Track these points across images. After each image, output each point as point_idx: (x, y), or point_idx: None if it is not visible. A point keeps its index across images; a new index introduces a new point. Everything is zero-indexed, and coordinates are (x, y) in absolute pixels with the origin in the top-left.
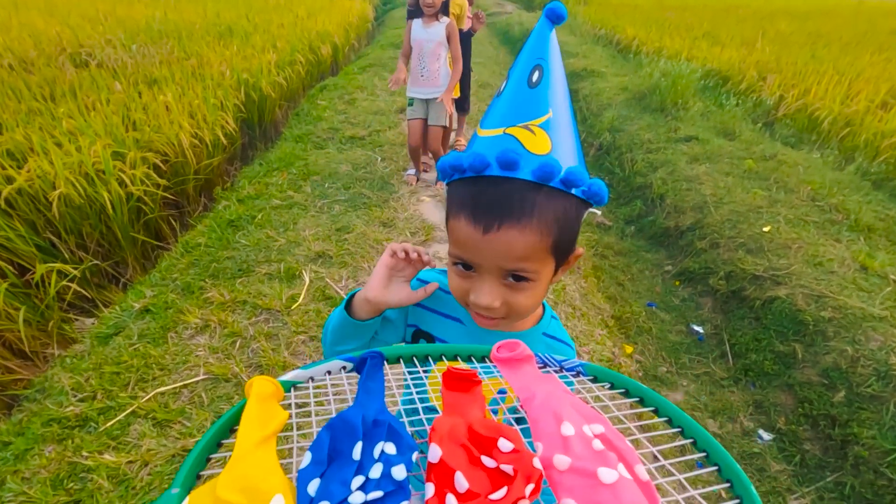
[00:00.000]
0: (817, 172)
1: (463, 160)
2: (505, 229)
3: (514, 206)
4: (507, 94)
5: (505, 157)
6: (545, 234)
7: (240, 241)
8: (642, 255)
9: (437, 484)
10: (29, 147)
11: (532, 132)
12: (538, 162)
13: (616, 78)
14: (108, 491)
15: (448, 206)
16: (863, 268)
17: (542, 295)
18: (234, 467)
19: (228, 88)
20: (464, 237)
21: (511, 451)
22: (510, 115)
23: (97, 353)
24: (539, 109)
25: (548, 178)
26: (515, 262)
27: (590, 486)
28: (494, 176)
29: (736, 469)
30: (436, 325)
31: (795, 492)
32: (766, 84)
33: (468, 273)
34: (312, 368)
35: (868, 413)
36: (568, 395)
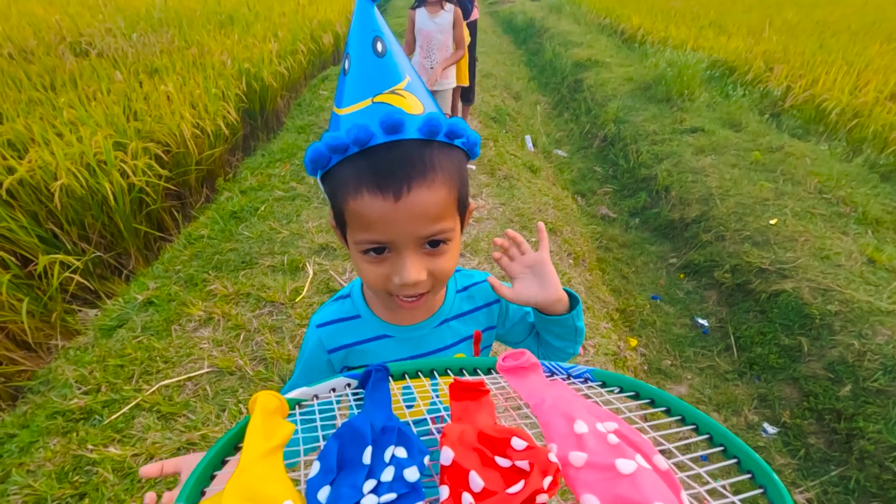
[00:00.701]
0: (825, 164)
1: (342, 137)
2: (415, 189)
3: (416, 165)
4: (357, 69)
5: (390, 120)
6: (451, 188)
7: (243, 233)
8: (647, 247)
9: (451, 485)
10: (30, 137)
11: (401, 96)
12: (422, 118)
13: (621, 68)
14: (113, 484)
15: (338, 191)
16: (870, 261)
17: (458, 256)
18: (239, 478)
19: (230, 78)
20: (372, 213)
21: (525, 448)
22: (370, 85)
23: (101, 345)
24: (397, 76)
25: (435, 131)
26: (432, 224)
27: (609, 479)
28: (383, 143)
29: (757, 459)
30: (366, 354)
31: (800, 486)
32: (773, 74)
33: (382, 257)
34: (317, 386)
35: (874, 407)
36: (578, 398)
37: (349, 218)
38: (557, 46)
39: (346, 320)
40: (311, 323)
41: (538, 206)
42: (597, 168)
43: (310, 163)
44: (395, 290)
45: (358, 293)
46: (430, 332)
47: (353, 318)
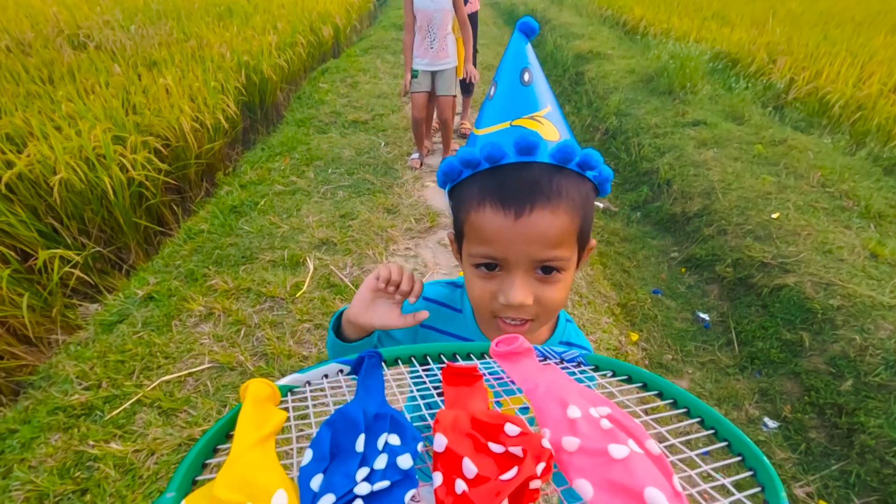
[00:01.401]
0: (828, 158)
1: (475, 153)
2: (538, 211)
3: (542, 188)
4: (503, 94)
5: (524, 142)
6: (574, 217)
7: (243, 228)
8: (648, 241)
9: (444, 472)
10: (28, 131)
11: (539, 122)
12: (556, 145)
13: (623, 60)
14: (115, 480)
15: (462, 204)
16: (873, 255)
17: (569, 290)
18: (231, 467)
19: (229, 71)
20: (491, 228)
21: (518, 434)
22: (512, 109)
23: (101, 340)
24: (539, 103)
25: (568, 159)
26: (548, 250)
27: (601, 463)
28: (514, 163)
29: (747, 442)
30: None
31: (800, 479)
32: (776, 66)
33: (493, 273)
34: (309, 372)
35: (875, 402)
36: (571, 383)
37: (468, 230)
38: (559, 38)
39: (449, 308)
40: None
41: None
42: None
43: (442, 175)
44: (498, 311)
45: None
46: None
47: (455, 310)
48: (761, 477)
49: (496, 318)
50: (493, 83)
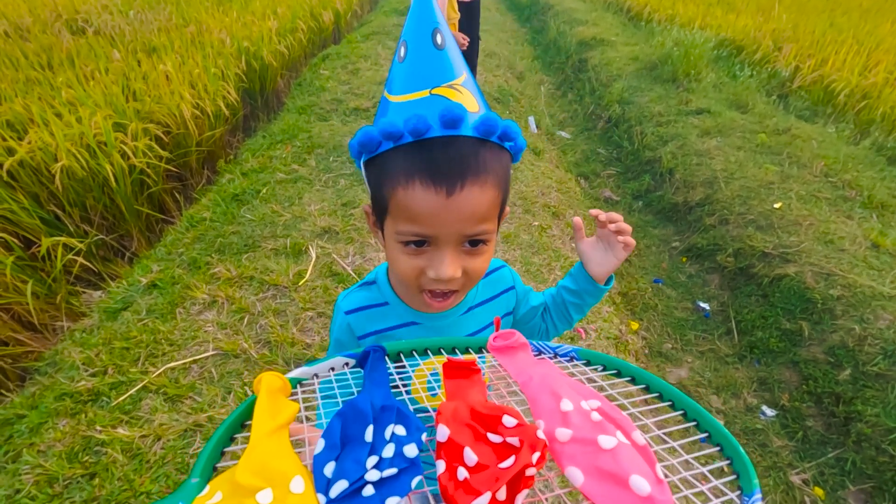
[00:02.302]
0: (831, 147)
1: (396, 124)
2: (468, 188)
3: (471, 164)
4: (415, 58)
5: (450, 115)
6: (498, 191)
7: (245, 216)
8: (650, 230)
9: (447, 460)
10: (29, 118)
11: (458, 91)
12: (479, 118)
13: (626, 47)
14: (122, 464)
15: (385, 179)
16: (874, 246)
17: (492, 256)
18: (250, 455)
19: (229, 57)
20: (421, 206)
21: (515, 425)
22: (428, 76)
23: (106, 327)
24: (455, 70)
25: (491, 132)
26: (477, 224)
27: (591, 452)
28: (439, 137)
29: (725, 433)
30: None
31: (797, 467)
32: (781, 54)
33: (421, 249)
34: (317, 365)
35: (873, 391)
36: (564, 377)
37: (394, 207)
38: (562, 24)
39: (373, 307)
40: (337, 308)
41: (541, 188)
42: (600, 150)
43: (358, 145)
44: (427, 284)
45: (384, 280)
46: (456, 319)
47: (380, 305)
48: (737, 465)
49: (423, 291)
50: (401, 42)
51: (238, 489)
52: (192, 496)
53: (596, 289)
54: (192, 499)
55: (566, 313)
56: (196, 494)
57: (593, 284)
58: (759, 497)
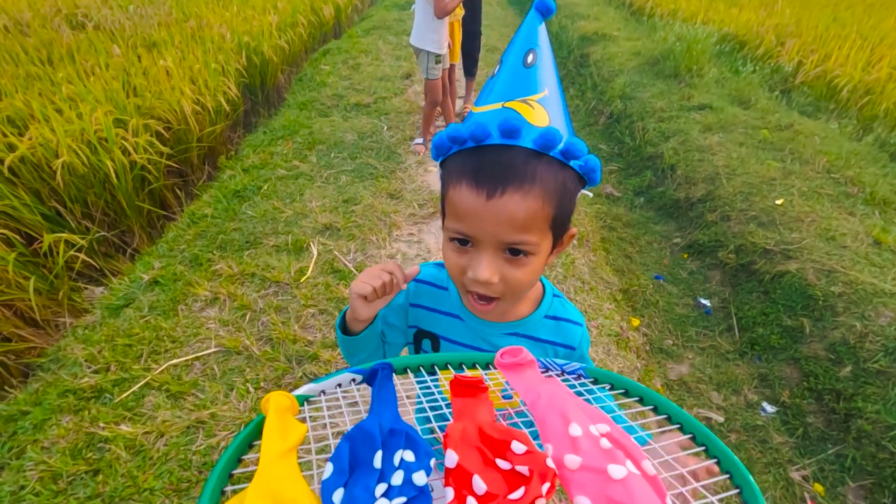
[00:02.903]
0: (834, 143)
1: (462, 130)
2: (509, 194)
3: (517, 172)
4: (504, 74)
5: (507, 125)
6: (546, 204)
7: (246, 213)
8: (651, 226)
9: (456, 487)
10: (29, 114)
11: (531, 106)
12: (539, 131)
13: (628, 42)
14: (126, 461)
15: (446, 178)
16: (876, 242)
17: (539, 272)
18: (260, 480)
19: (229, 52)
20: (465, 205)
21: (525, 452)
22: (507, 91)
23: (108, 324)
24: (536, 87)
25: (549, 146)
26: (516, 233)
27: (601, 482)
28: (496, 144)
29: (734, 460)
30: (436, 323)
31: (797, 463)
32: (784, 49)
33: (465, 249)
34: (324, 382)
35: (874, 388)
36: (572, 397)
37: (447, 204)
38: (563, 19)
39: (436, 287)
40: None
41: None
42: (602, 146)
43: (434, 148)
44: (468, 285)
45: None
46: (497, 334)
47: (441, 288)
48: (746, 495)
49: (467, 292)
50: (499, 61)
51: None
52: None
53: None
54: None
55: None
56: None
57: None
58: None
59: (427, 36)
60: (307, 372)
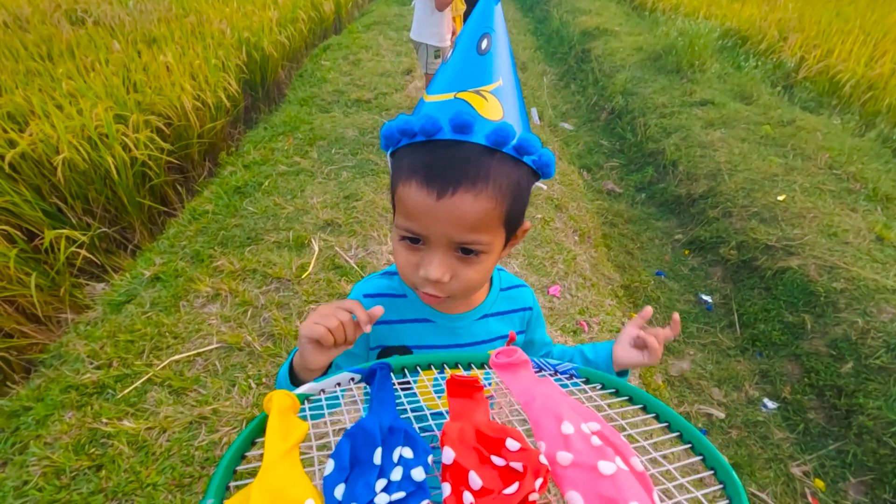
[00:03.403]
0: (836, 139)
1: (413, 123)
2: (459, 194)
3: (468, 171)
4: (456, 61)
5: (459, 120)
6: (499, 203)
7: (247, 209)
8: (652, 223)
9: (453, 483)
10: (30, 109)
11: (484, 98)
12: (492, 126)
13: (630, 37)
14: (128, 456)
15: (395, 173)
16: (878, 238)
17: (491, 270)
18: (264, 478)
19: (229, 48)
20: (415, 205)
21: (519, 449)
22: (460, 80)
23: (110, 320)
24: (489, 76)
25: (502, 143)
26: (467, 233)
27: (591, 478)
28: (447, 140)
29: (719, 457)
30: (403, 335)
31: (797, 459)
32: (786, 44)
33: (416, 247)
34: (323, 381)
35: (875, 384)
36: (564, 397)
37: (398, 201)
38: (565, 14)
39: (392, 297)
40: (354, 291)
41: (544, 181)
42: (603, 142)
43: (383, 138)
44: (419, 283)
45: None
46: (470, 324)
47: (399, 297)
48: (729, 490)
49: (418, 288)
50: (452, 44)
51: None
52: None
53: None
54: None
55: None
56: None
57: (609, 366)
58: None
59: (427, 30)
60: None
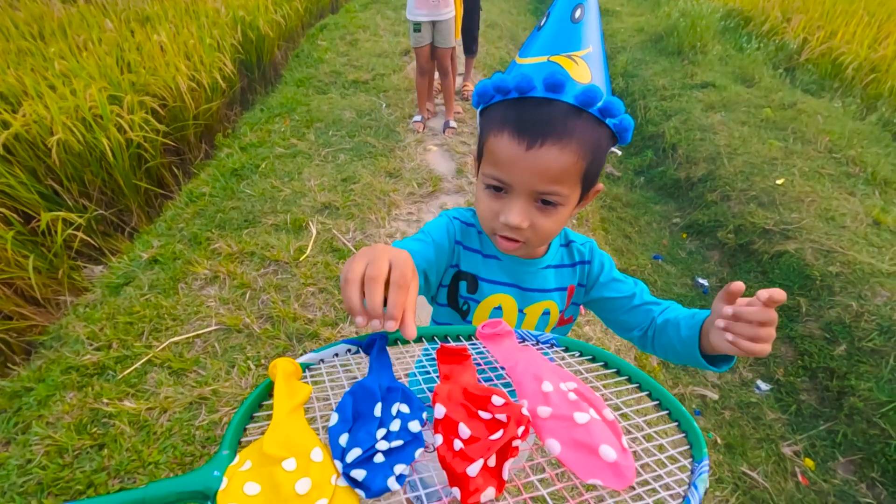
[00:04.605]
0: (837, 122)
1: (508, 81)
2: (547, 147)
3: (557, 126)
4: (550, 27)
5: (552, 79)
6: (580, 158)
7: (244, 191)
8: (651, 206)
9: (444, 434)
10: (22, 90)
11: (574, 62)
12: (581, 88)
13: (632, 18)
14: (130, 436)
15: (486, 126)
16: (875, 223)
17: (565, 223)
18: (274, 430)
19: (224, 27)
20: (504, 154)
21: (503, 404)
22: (553, 45)
23: (109, 302)
24: (581, 42)
25: (590, 103)
26: (549, 184)
27: (567, 427)
28: (539, 97)
29: (682, 410)
30: (476, 264)
31: (788, 439)
32: (790, 25)
33: (499, 195)
34: (322, 352)
35: (867, 366)
36: (544, 362)
37: (486, 152)
38: None
39: (474, 227)
40: (444, 213)
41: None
42: None
43: (476, 96)
44: (498, 228)
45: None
46: (534, 271)
47: (477, 231)
48: (691, 437)
49: (495, 234)
50: (546, 13)
51: (266, 458)
52: (225, 465)
53: (693, 357)
54: (226, 467)
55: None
56: (228, 463)
57: (695, 349)
58: (706, 463)
59: (409, 4)
60: (307, 349)
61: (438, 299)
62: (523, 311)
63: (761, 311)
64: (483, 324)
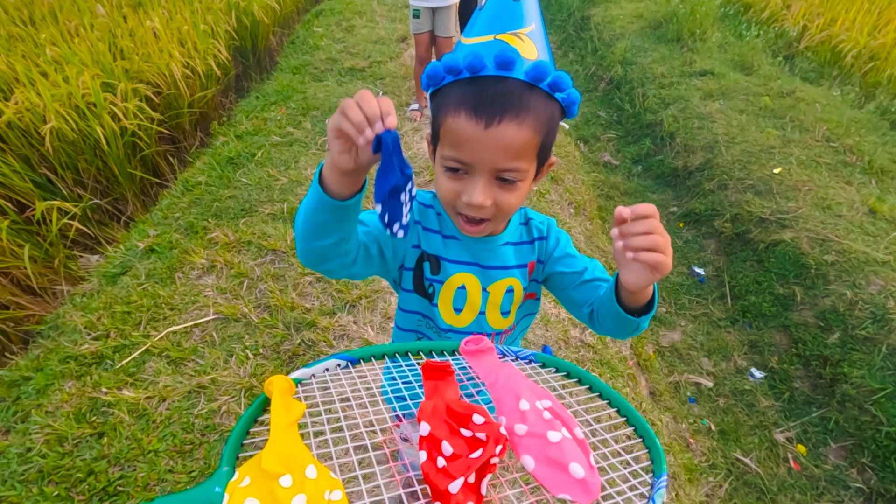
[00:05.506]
0: (835, 111)
1: (458, 61)
2: (505, 124)
3: (513, 102)
4: (492, 6)
5: (503, 56)
6: (536, 133)
7: (240, 180)
8: (648, 195)
9: (428, 451)
10: (14, 77)
11: (521, 39)
12: (531, 64)
13: (631, 4)
14: (129, 424)
15: (441, 108)
16: (871, 212)
17: (525, 197)
18: (272, 446)
19: (218, 13)
20: (463, 134)
21: (483, 423)
22: (497, 23)
23: (106, 292)
24: (524, 20)
25: (540, 78)
26: (510, 160)
27: (541, 445)
28: (491, 76)
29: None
30: (437, 245)
31: (781, 426)
32: (790, 12)
33: (459, 175)
34: (313, 367)
35: (860, 354)
36: (523, 379)
37: (443, 134)
38: None
39: (432, 209)
40: None
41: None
42: (601, 113)
43: (426, 78)
44: (460, 208)
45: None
46: (492, 248)
47: (436, 212)
48: (653, 454)
49: (458, 214)
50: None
51: (263, 475)
52: (226, 481)
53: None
54: (226, 483)
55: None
56: (228, 480)
57: (613, 301)
58: (665, 478)
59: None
60: (305, 339)
61: (404, 284)
62: (487, 290)
63: (641, 222)
64: (466, 339)
